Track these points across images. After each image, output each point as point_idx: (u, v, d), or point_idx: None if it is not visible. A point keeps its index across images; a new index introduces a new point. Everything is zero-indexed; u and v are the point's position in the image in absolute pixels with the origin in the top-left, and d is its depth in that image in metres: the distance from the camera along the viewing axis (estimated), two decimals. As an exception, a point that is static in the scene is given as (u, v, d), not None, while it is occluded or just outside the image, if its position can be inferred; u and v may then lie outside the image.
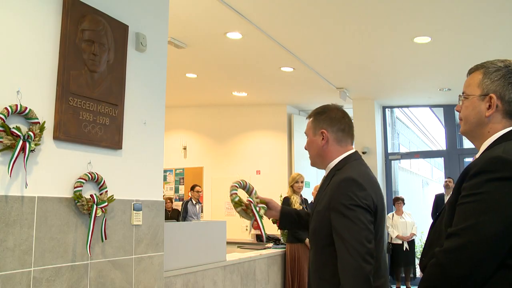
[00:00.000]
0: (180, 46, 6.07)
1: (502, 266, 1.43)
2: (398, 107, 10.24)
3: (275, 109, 9.49)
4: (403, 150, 11.60)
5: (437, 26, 5.48)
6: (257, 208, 2.58)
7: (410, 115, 13.25)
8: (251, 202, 2.60)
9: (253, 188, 2.67)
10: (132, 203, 3.06)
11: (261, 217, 2.58)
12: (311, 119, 2.31)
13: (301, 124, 9.71)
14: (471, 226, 1.44)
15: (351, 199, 1.97)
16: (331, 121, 2.23)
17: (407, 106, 10.67)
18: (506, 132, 1.61)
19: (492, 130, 1.64)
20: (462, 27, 5.52)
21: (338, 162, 2.20)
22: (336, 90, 8.04)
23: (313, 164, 2.34)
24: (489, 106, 1.63)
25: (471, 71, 1.74)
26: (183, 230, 4.07)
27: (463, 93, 1.73)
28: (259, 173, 9.38)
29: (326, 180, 2.20)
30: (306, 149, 2.33)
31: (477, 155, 1.64)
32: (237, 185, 2.64)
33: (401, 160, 10.27)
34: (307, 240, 5.80)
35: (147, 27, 3.35)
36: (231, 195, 2.59)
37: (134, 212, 3.06)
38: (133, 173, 3.12)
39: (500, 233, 1.41)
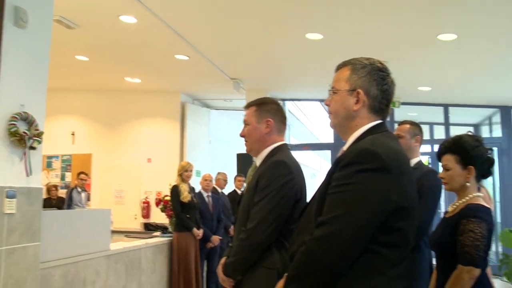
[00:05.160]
0: (71, 27, 5.74)
1: (365, 251, 1.53)
2: (290, 100, 10.54)
3: (169, 97, 9.34)
4: (294, 142, 12.00)
5: (328, 24, 5.71)
6: (31, 141, 2.95)
7: (301, 108, 13.70)
8: (26, 134, 2.94)
9: (33, 121, 3.02)
10: (5, 189, 2.87)
11: (32, 148, 2.99)
12: (253, 108, 2.54)
13: (195, 113, 9.68)
14: (340, 215, 1.51)
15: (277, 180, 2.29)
16: (275, 112, 2.52)
17: (299, 100, 11.04)
18: (373, 126, 1.70)
19: (360, 124, 1.72)
20: (351, 26, 5.80)
21: (272, 150, 2.47)
22: (230, 81, 8.09)
23: (249, 151, 2.58)
24: (357, 100, 1.71)
25: (339, 67, 1.81)
26: (64, 218, 3.89)
27: (332, 88, 1.79)
28: (150, 161, 9.20)
29: (261, 165, 2.45)
30: (243, 135, 2.55)
31: (344, 147, 1.71)
32: (17, 116, 2.91)
33: (292, 151, 10.58)
34: (194, 229, 5.81)
35: (29, 2, 3.14)
36: (8, 125, 2.90)
37: (7, 199, 2.86)
38: (7, 157, 2.91)
39: (367, 221, 1.50)
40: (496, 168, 9.55)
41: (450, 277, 2.27)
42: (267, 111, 2.51)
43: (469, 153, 2.40)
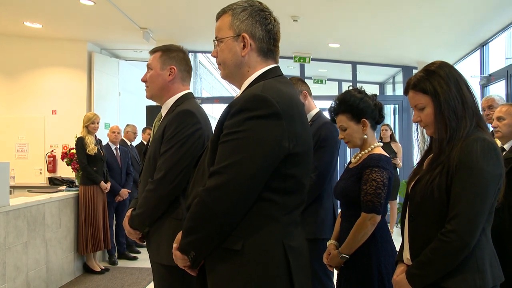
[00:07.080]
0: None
1: (259, 199, 1.53)
2: (201, 52, 10.36)
3: (75, 45, 8.79)
4: (205, 95, 11.91)
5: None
6: None
7: (213, 61, 13.53)
8: None
9: None
10: None
11: None
12: (158, 53, 2.45)
13: (103, 63, 9.25)
14: (232, 164, 1.48)
15: (184, 130, 2.25)
16: (180, 60, 2.46)
17: (210, 52, 10.82)
18: (266, 71, 1.67)
19: (251, 69, 1.68)
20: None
21: (178, 99, 2.42)
22: (139, 30, 7.77)
23: (150, 97, 2.51)
24: (244, 45, 1.67)
25: (219, 15, 1.75)
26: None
27: (216, 38, 1.74)
28: (55, 113, 8.74)
29: (167, 115, 2.40)
30: (145, 80, 2.47)
31: (238, 94, 1.68)
32: None
33: (203, 105, 10.54)
34: (102, 182, 5.67)
35: None
36: None
37: None
38: None
39: (259, 169, 1.48)
40: (396, 125, 10.12)
41: (355, 224, 2.38)
42: (172, 58, 2.45)
43: (357, 107, 2.47)
